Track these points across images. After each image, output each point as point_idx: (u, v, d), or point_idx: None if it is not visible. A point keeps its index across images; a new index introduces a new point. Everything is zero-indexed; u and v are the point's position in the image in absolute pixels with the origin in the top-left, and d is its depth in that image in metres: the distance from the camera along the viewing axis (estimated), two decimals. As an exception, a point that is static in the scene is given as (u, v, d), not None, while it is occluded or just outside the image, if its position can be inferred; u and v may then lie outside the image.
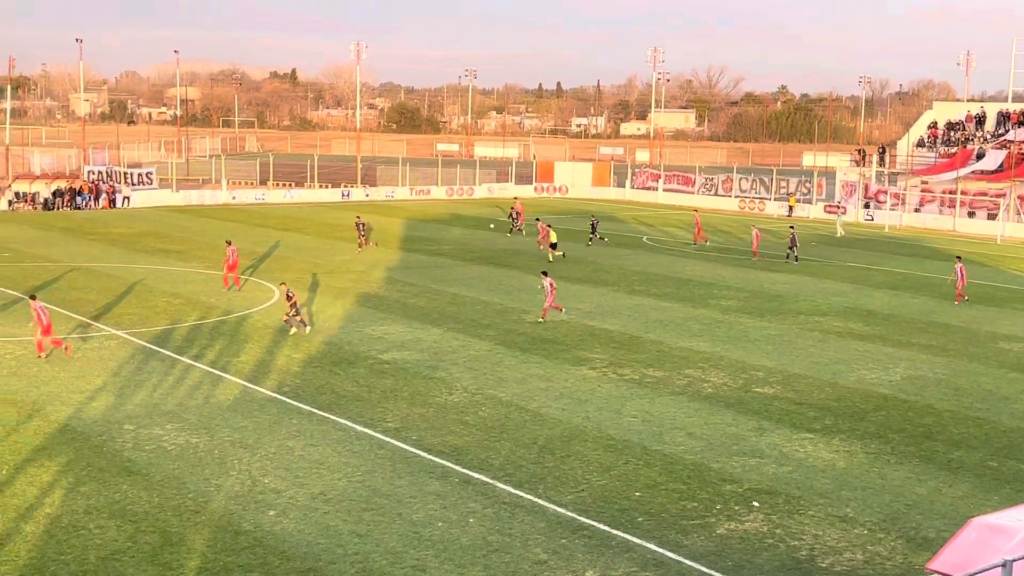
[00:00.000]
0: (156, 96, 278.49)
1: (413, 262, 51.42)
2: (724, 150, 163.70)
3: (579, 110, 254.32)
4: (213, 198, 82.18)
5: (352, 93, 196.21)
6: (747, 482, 21.65)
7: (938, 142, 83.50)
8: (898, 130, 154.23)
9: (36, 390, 26.91)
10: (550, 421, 25.43)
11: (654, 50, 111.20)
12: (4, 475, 20.85)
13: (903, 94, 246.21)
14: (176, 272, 46.29)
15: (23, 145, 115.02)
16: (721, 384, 29.30)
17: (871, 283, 48.09)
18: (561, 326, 36.47)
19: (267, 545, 17.97)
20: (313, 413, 25.54)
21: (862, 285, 47.45)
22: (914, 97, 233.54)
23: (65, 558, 17.24)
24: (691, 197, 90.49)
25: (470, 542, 18.32)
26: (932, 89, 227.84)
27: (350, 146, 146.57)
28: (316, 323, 35.77)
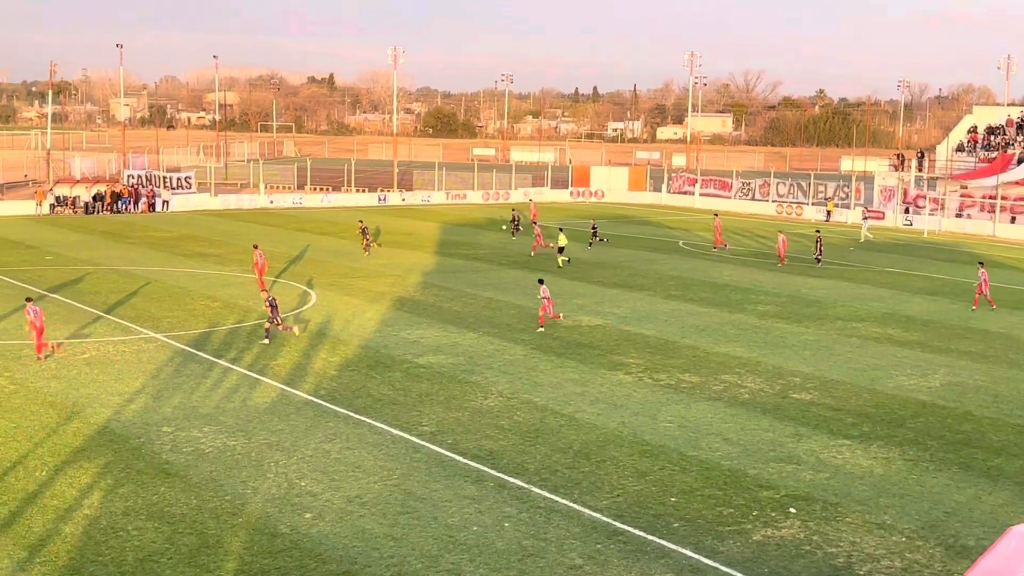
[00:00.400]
0: (195, 101, 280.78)
1: (448, 266, 51.51)
2: (761, 154, 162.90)
3: (615, 114, 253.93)
4: (251, 202, 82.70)
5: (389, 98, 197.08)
6: (784, 488, 21.52)
7: (978, 146, 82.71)
8: (937, 134, 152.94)
9: (75, 392, 27.18)
10: (585, 426, 25.39)
11: (691, 54, 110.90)
12: (44, 476, 21.07)
13: (942, 98, 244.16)
14: (214, 276, 46.61)
15: (64, 149, 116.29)
16: (758, 390, 29.15)
17: (910, 288, 47.69)
18: (596, 331, 36.42)
19: (303, 548, 18.05)
20: (349, 416, 25.64)
21: (900, 290, 47.08)
22: (954, 101, 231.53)
23: (103, 559, 17.39)
24: (728, 202, 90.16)
25: (505, 546, 18.32)
26: (972, 93, 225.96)
27: (387, 151, 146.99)
28: (351, 327, 35.90)
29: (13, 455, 22.27)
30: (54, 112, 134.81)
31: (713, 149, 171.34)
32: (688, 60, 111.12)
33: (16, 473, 21.22)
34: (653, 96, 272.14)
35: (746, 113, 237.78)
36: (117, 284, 43.74)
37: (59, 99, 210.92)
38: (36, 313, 30.62)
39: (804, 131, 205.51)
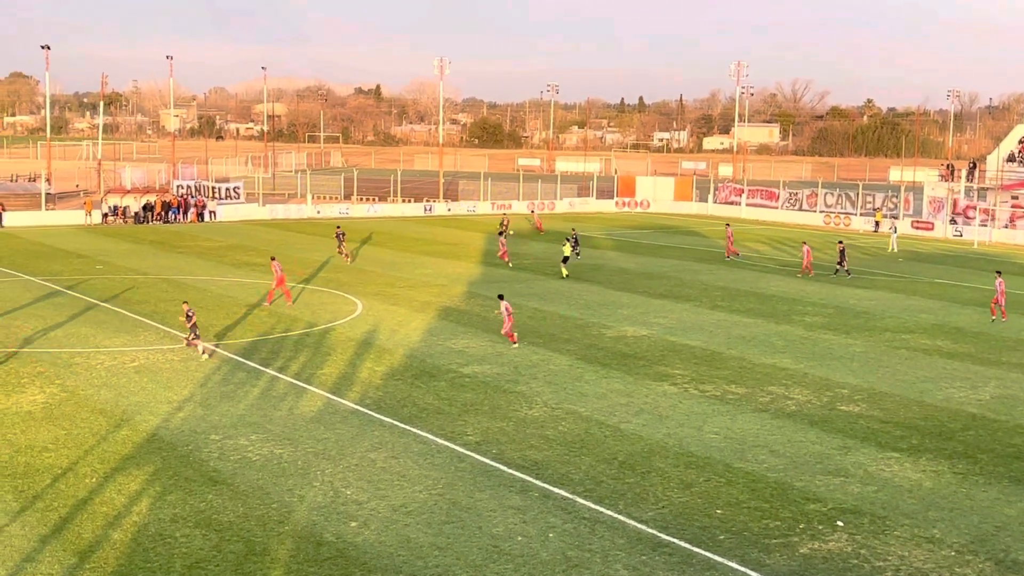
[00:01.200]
0: (244, 112, 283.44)
1: (494, 276, 51.58)
2: (809, 164, 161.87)
3: (661, 124, 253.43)
4: (298, 212, 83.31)
5: (435, 108, 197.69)
6: (831, 501, 21.34)
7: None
8: (988, 145, 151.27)
9: (125, 400, 27.48)
10: (631, 437, 25.32)
11: (738, 64, 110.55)
12: (94, 483, 21.32)
13: (993, 108, 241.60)
14: (262, 285, 46.97)
15: (115, 160, 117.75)
16: (805, 402, 28.93)
17: (959, 300, 47.16)
18: (642, 341, 36.31)
19: (349, 556, 18.13)
20: (395, 425, 25.73)
21: (950, 302, 46.56)
22: (1004, 111, 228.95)
23: (152, 566, 17.56)
24: (775, 212, 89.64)
25: (550, 557, 18.30)
26: (1023, 103, 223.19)
27: (433, 161, 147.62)
28: (397, 336, 36.04)
29: (64, 462, 22.56)
30: (105, 123, 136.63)
31: (760, 159, 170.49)
32: (735, 70, 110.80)
33: (67, 480, 21.49)
34: (699, 106, 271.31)
35: (793, 123, 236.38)
36: (166, 293, 44.20)
37: (110, 110, 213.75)
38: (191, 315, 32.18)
39: (852, 141, 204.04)
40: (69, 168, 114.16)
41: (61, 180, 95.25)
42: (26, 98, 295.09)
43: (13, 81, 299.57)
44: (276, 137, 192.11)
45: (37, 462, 22.52)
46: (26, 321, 37.48)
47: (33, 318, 38.04)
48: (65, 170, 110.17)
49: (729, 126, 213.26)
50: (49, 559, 17.70)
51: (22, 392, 28.04)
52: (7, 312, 39.12)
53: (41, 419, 25.67)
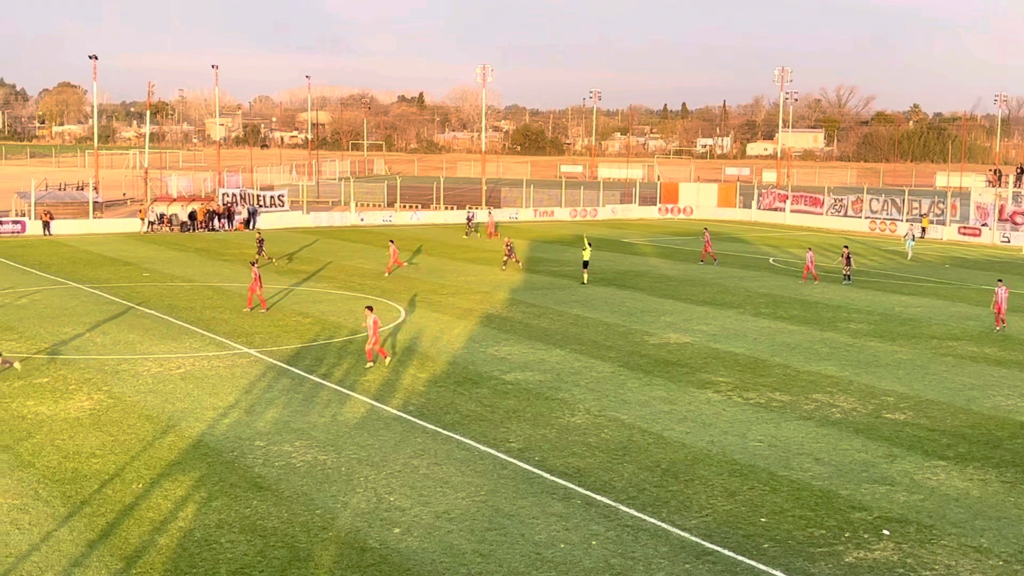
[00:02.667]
0: (288, 120, 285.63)
1: (536, 283, 51.60)
2: (854, 170, 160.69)
3: (704, 130, 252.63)
4: (342, 220, 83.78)
5: (478, 116, 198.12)
6: (877, 510, 21.15)
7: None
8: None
9: (171, 406, 27.74)
10: (674, 444, 25.22)
11: (782, 69, 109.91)
12: (140, 489, 21.53)
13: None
14: (305, 292, 47.27)
15: (161, 168, 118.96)
16: (850, 409, 28.70)
17: (1007, 307, 46.53)
18: (685, 348, 36.17)
19: (392, 563, 18.18)
20: (437, 432, 25.79)
21: (998, 309, 45.94)
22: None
23: (197, 571, 17.70)
24: (819, 218, 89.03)
25: (592, 565, 18.26)
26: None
27: (475, 168, 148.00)
28: (440, 343, 36.12)
29: (111, 468, 22.80)
30: (152, 132, 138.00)
31: (804, 165, 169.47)
32: (779, 75, 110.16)
33: (113, 485, 21.72)
34: (743, 112, 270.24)
35: (838, 128, 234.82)
36: (211, 300, 44.58)
37: (157, 119, 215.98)
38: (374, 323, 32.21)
39: (898, 146, 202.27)
40: (116, 177, 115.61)
41: (108, 189, 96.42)
42: (74, 108, 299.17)
43: (61, 91, 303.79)
44: (320, 145, 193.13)
45: (85, 468, 22.78)
46: (74, 328, 37.94)
47: (81, 325, 38.51)
48: (112, 179, 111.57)
49: (773, 132, 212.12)
50: (96, 564, 17.89)
51: (70, 398, 28.38)
52: (56, 319, 39.63)
53: (88, 425, 25.97)
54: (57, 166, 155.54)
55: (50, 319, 39.63)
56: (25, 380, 30.25)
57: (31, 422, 26.12)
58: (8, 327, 37.89)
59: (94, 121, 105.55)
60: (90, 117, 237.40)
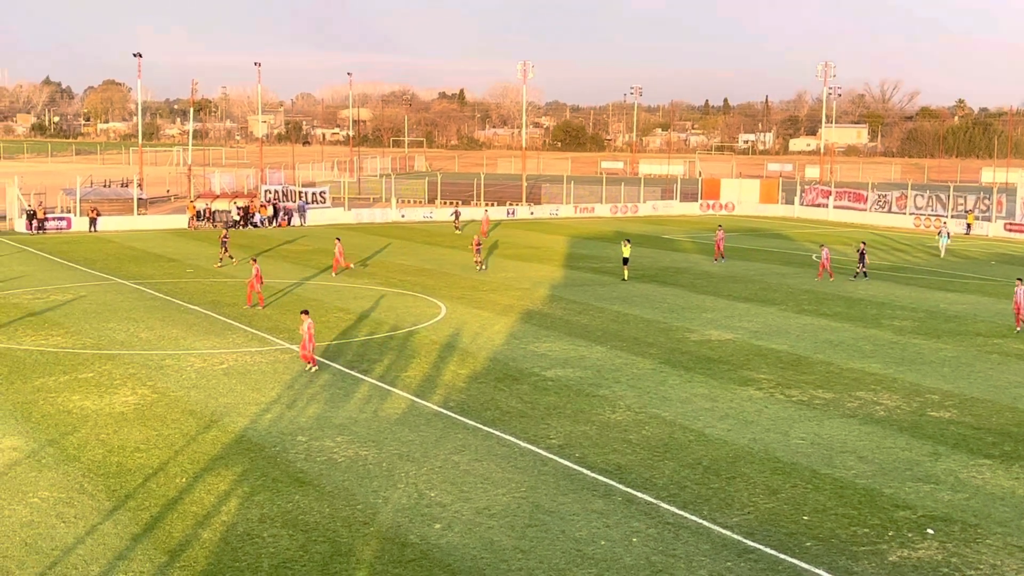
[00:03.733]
0: (330, 117, 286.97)
1: (576, 279, 51.53)
2: (898, 166, 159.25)
3: (746, 126, 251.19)
4: (383, 216, 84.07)
5: (518, 112, 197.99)
6: (921, 509, 20.95)
7: None
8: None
9: (214, 401, 27.95)
10: (715, 442, 25.11)
11: (825, 64, 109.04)
12: (184, 483, 21.71)
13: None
14: (346, 288, 47.48)
15: (204, 165, 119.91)
16: (894, 407, 28.44)
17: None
18: (727, 345, 35.99)
19: (433, 558, 18.22)
20: (478, 428, 25.82)
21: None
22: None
23: (240, 565, 17.83)
24: (863, 214, 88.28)
25: (633, 562, 18.21)
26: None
27: (515, 164, 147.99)
28: (480, 340, 36.16)
29: (155, 462, 23.01)
30: (195, 129, 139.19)
31: (848, 161, 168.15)
32: (822, 70, 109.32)
33: (158, 479, 21.92)
34: (785, 107, 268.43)
35: (882, 124, 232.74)
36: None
37: (200, 116, 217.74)
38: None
39: (943, 142, 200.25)
40: (160, 173, 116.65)
41: (152, 185, 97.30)
42: (119, 105, 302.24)
43: (106, 88, 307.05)
44: (361, 142, 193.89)
45: (129, 462, 23.01)
46: (119, 323, 38.32)
47: (125, 320, 38.89)
48: (156, 175, 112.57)
49: (816, 127, 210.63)
50: (141, 557, 18.06)
51: (115, 393, 28.67)
52: (101, 314, 40.04)
53: (133, 420, 26.22)
54: (102, 163, 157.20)
55: (95, 315, 40.05)
56: (71, 375, 30.60)
57: (76, 416, 26.42)
58: (55, 323, 38.33)
59: (138, 118, 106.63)
60: (134, 114, 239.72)
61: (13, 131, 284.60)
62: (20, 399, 27.96)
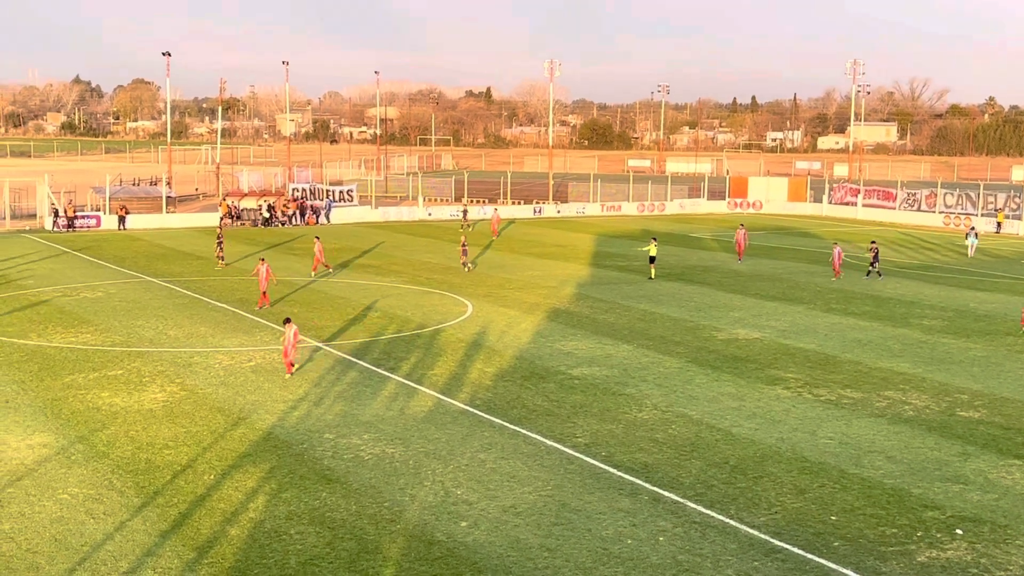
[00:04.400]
0: (357, 116, 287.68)
1: (603, 278, 51.46)
2: (927, 164, 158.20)
3: (774, 124, 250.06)
4: (410, 214, 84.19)
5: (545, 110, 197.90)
6: (950, 509, 20.81)
7: None
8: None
9: (242, 399, 28.08)
10: (742, 441, 25.02)
11: (854, 62, 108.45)
12: (211, 480, 21.83)
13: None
14: (374, 286, 47.58)
15: (232, 164, 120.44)
16: (923, 407, 28.26)
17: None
18: (754, 344, 35.85)
19: (459, 556, 18.25)
20: (504, 426, 25.83)
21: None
22: None
23: (267, 562, 17.90)
24: (892, 212, 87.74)
25: (660, 560, 18.18)
26: None
27: (542, 163, 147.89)
28: (506, 338, 36.16)
29: (183, 459, 23.14)
30: (223, 128, 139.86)
31: (876, 159, 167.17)
32: (850, 68, 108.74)
33: (186, 476, 22.05)
34: (814, 105, 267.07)
35: (911, 122, 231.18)
36: (281, 294, 45.01)
37: (228, 115, 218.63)
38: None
39: (973, 140, 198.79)
40: (189, 172, 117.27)
41: (181, 184, 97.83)
42: (147, 104, 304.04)
43: (135, 87, 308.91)
44: (388, 140, 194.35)
45: (158, 459, 23.15)
46: (147, 321, 38.56)
47: (154, 318, 39.12)
48: (185, 174, 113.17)
49: (844, 125, 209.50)
50: (169, 553, 18.17)
51: (143, 391, 28.85)
52: (130, 312, 40.30)
53: (162, 417, 26.38)
54: (131, 161, 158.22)
55: (124, 312, 40.31)
56: (100, 372, 30.82)
57: (106, 413, 26.60)
58: (84, 320, 38.61)
59: (167, 117, 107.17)
60: (163, 113, 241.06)
61: (43, 130, 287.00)
62: (50, 396, 28.19)
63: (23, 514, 19.86)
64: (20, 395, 28.27)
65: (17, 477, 21.86)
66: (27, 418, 26.11)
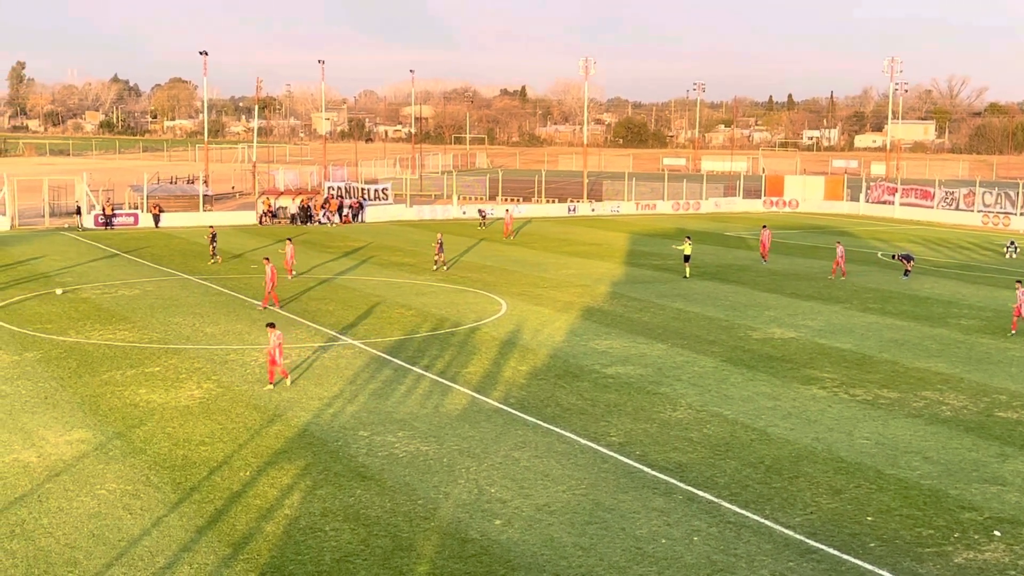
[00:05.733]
0: (392, 114, 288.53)
1: (637, 276, 51.34)
2: (966, 163, 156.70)
3: (811, 122, 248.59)
4: (444, 213, 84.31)
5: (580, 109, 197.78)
6: (988, 510, 20.62)
7: None
8: None
9: (278, 396, 28.23)
10: (778, 441, 24.90)
11: (891, 60, 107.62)
12: (247, 476, 21.96)
13: None
14: (408, 285, 47.71)
15: (268, 162, 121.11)
16: (961, 407, 28.01)
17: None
18: (790, 344, 35.66)
19: (493, 554, 18.27)
20: (538, 425, 25.83)
21: (1118, 305, 44.39)
22: None
23: (302, 559, 18.00)
24: (930, 211, 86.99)
25: (694, 560, 18.13)
26: None
27: (577, 161, 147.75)
28: (540, 336, 36.15)
29: (219, 455, 23.30)
30: (260, 126, 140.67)
31: (914, 157, 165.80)
32: (888, 66, 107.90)
33: (222, 472, 22.20)
34: (851, 103, 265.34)
35: (950, 120, 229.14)
36: (317, 292, 45.24)
37: (264, 114, 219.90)
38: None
39: (1012, 138, 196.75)
40: (225, 170, 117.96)
41: (217, 182, 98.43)
42: (185, 102, 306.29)
43: (173, 86, 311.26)
44: (423, 139, 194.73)
45: (194, 455, 23.32)
46: (184, 318, 38.84)
47: (191, 315, 39.40)
48: (221, 172, 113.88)
49: (882, 123, 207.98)
50: (205, 549, 18.31)
51: (180, 387, 29.07)
52: (167, 309, 40.61)
53: (198, 414, 26.57)
54: (168, 160, 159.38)
55: (161, 310, 40.63)
56: (137, 369, 31.08)
57: (143, 410, 26.83)
58: (122, 317, 38.95)
59: (204, 116, 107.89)
60: (200, 112, 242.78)
61: (82, 128, 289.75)
62: (88, 392, 28.46)
63: (61, 509, 20.07)
64: (59, 391, 28.57)
65: (56, 472, 22.09)
66: (65, 414, 26.39)
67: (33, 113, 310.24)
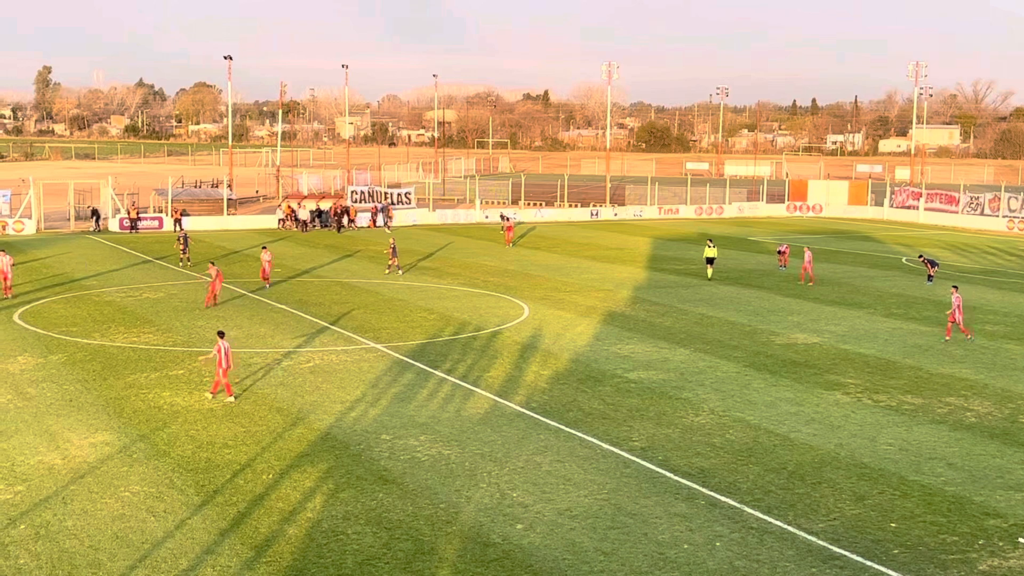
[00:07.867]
0: (415, 119, 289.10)
1: (660, 281, 51.26)
2: (991, 167, 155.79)
3: (835, 127, 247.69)
4: (467, 217, 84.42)
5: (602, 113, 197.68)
6: (1013, 517, 20.48)
7: None
8: None
9: (300, 399, 28.32)
10: (800, 446, 24.81)
11: (916, 64, 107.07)
12: (270, 479, 22.04)
13: None
14: (431, 288, 47.78)
15: (292, 166, 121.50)
16: (985, 413, 27.84)
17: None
18: (813, 349, 35.53)
19: (514, 558, 18.27)
20: (560, 429, 25.82)
21: None
22: None
23: (324, 562, 18.05)
24: (955, 216, 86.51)
25: (716, 566, 18.08)
26: None
27: (599, 166, 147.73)
28: (562, 340, 36.14)
29: (242, 458, 23.39)
30: (284, 131, 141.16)
31: (939, 162, 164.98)
32: (913, 70, 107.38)
33: (245, 475, 22.28)
34: (875, 108, 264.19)
35: (975, 125, 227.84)
36: (340, 296, 45.37)
37: (288, 118, 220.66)
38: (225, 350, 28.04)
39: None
40: (249, 174, 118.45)
41: (241, 186, 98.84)
42: (209, 107, 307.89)
43: (198, 91, 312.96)
44: (446, 143, 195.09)
45: (217, 458, 23.42)
46: (208, 321, 39.00)
47: (215, 319, 39.57)
48: (246, 176, 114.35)
49: (906, 128, 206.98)
50: (228, 552, 18.38)
51: (204, 390, 29.18)
52: (190, 312, 40.80)
53: (221, 416, 26.68)
54: (193, 164, 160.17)
55: (185, 312, 40.82)
56: (161, 372, 31.24)
57: (167, 412, 26.97)
58: (146, 320, 39.16)
59: (228, 120, 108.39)
60: (225, 116, 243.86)
61: (108, 132, 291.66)
62: (112, 395, 28.63)
63: (86, 511, 20.19)
64: (83, 394, 28.75)
65: (80, 475, 22.23)
66: (90, 416, 26.55)
67: (59, 117, 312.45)
